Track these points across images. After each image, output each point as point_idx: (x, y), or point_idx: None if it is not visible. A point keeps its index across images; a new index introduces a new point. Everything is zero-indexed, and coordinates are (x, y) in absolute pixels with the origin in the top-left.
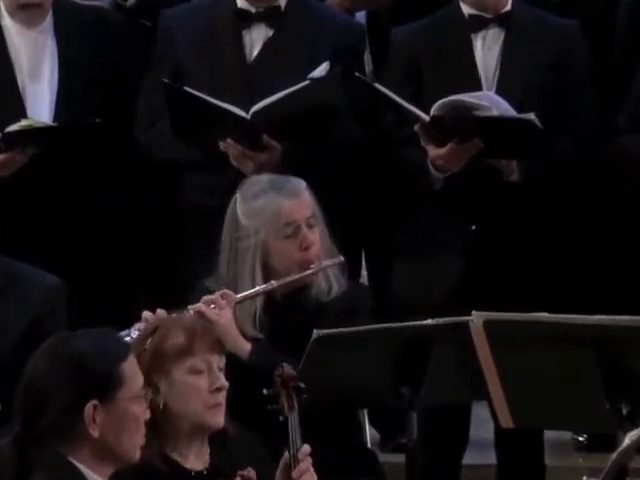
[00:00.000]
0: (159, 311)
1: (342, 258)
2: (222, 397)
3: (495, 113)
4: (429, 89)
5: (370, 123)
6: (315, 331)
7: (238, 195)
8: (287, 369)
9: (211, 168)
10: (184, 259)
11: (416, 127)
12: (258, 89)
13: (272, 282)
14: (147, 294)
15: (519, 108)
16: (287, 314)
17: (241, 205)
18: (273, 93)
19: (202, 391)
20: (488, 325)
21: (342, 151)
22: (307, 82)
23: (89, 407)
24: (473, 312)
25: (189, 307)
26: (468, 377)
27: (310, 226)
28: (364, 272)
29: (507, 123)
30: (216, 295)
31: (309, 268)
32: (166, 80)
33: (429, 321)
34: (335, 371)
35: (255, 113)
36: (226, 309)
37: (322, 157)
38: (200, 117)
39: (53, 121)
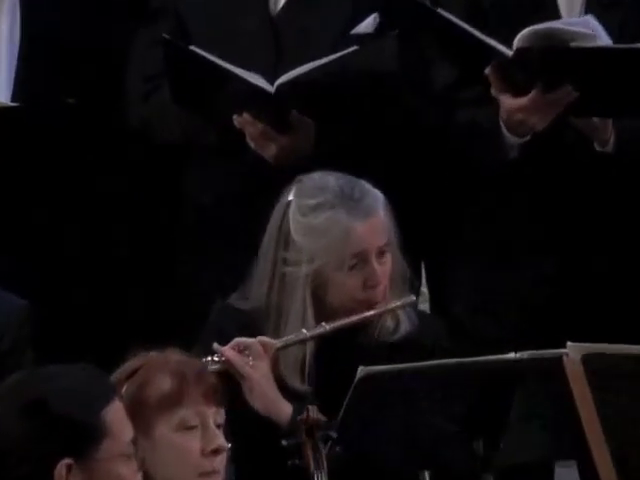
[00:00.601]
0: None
1: (414, 298)
2: (220, 462)
3: (602, 43)
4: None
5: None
6: (361, 368)
7: (293, 198)
8: (313, 413)
9: (223, 151)
10: (190, 271)
11: (487, 69)
12: (286, 51)
13: (324, 325)
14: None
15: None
16: (339, 358)
17: (296, 216)
18: (305, 56)
19: (194, 453)
20: (589, 360)
21: (398, 136)
22: (354, 48)
23: (61, 468)
24: (569, 343)
25: (215, 347)
26: (559, 429)
27: (381, 254)
28: (424, 289)
29: (621, 58)
30: (253, 341)
31: (372, 308)
32: (166, 36)
33: (511, 355)
34: (384, 419)
35: (282, 85)
36: (263, 360)
37: (370, 144)
38: (210, 87)
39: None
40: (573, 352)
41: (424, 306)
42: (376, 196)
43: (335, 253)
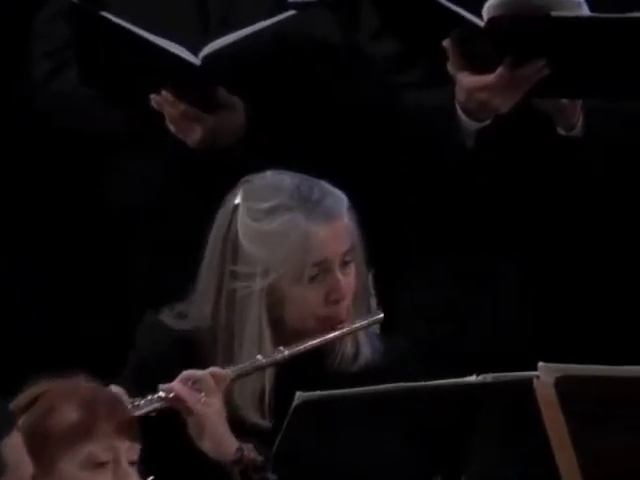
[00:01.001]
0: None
1: (382, 315)
2: None
3: (586, 12)
4: None
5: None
6: (298, 394)
7: (241, 202)
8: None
9: (139, 136)
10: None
11: (445, 41)
12: (212, 18)
13: (282, 350)
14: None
15: None
16: (300, 389)
17: (246, 222)
18: (234, 23)
19: None
20: (563, 383)
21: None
22: (291, 13)
23: None
24: (540, 364)
25: (160, 387)
26: (528, 461)
27: (345, 264)
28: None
29: (606, 29)
30: (204, 373)
31: (336, 329)
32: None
33: (472, 378)
34: (325, 451)
35: (208, 57)
36: (216, 395)
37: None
38: (124, 60)
39: None
40: (545, 374)
41: None
42: (338, 197)
43: (293, 263)
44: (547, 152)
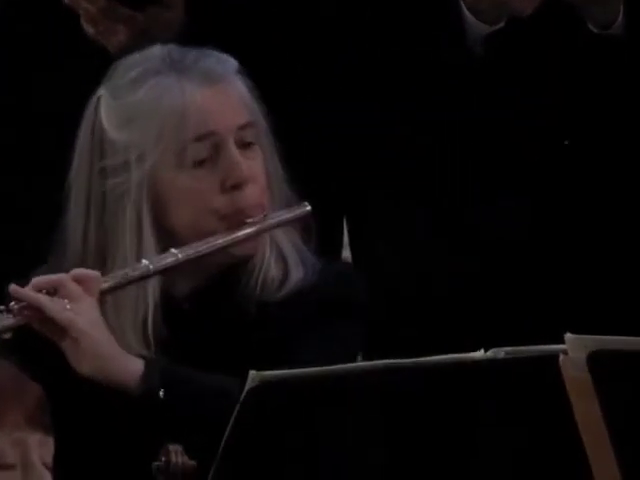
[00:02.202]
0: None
1: (309, 207)
2: None
3: None
4: None
5: None
6: (251, 373)
7: (102, 87)
8: (177, 456)
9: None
10: None
11: None
12: None
13: (174, 252)
14: None
15: None
16: (202, 325)
17: (108, 103)
18: None
19: None
20: (598, 361)
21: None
22: None
23: None
24: (569, 335)
25: (11, 289)
26: (551, 459)
27: (246, 146)
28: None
29: None
30: (65, 276)
31: (243, 226)
32: None
33: (479, 353)
34: (288, 450)
35: None
36: (85, 301)
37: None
38: None
39: None
40: (575, 349)
41: None
42: (224, 57)
43: (171, 139)
44: (577, 57)
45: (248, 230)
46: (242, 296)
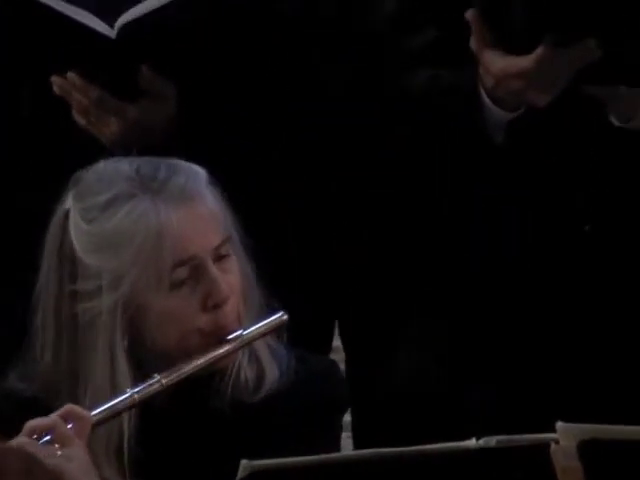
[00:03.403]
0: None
1: (285, 316)
2: None
3: None
4: None
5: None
6: (243, 463)
7: (72, 204)
8: None
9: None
10: None
11: (468, 12)
12: None
13: (157, 377)
14: None
15: None
16: (174, 433)
17: (80, 226)
18: None
19: None
20: (589, 449)
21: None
22: None
23: None
24: (560, 424)
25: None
26: None
27: (221, 258)
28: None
29: None
30: (53, 418)
31: (223, 343)
32: None
33: (472, 442)
34: None
35: (127, 27)
36: (77, 446)
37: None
38: (20, 31)
39: None
40: (566, 437)
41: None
42: (193, 170)
43: (149, 265)
44: (598, 149)
45: (228, 347)
46: (215, 399)
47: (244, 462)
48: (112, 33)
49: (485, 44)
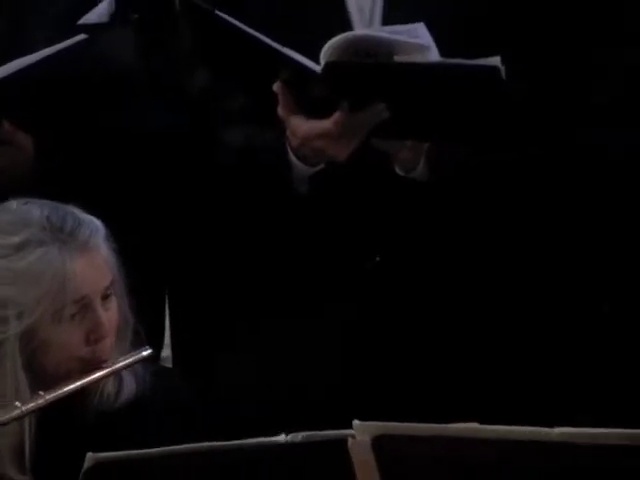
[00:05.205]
0: None
1: (150, 350)
2: None
3: (433, 58)
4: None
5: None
6: (89, 455)
7: None
8: None
9: None
10: None
11: (276, 85)
12: None
13: (42, 394)
14: None
15: None
16: (59, 437)
17: None
18: (17, 47)
19: None
20: (381, 444)
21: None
22: (81, 36)
23: None
24: (356, 422)
25: None
26: None
27: (105, 297)
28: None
29: (448, 75)
30: None
31: (98, 369)
32: None
33: (281, 437)
34: None
35: None
36: None
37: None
38: None
39: None
40: (361, 433)
41: None
42: (94, 225)
43: (51, 303)
44: (388, 195)
45: (103, 372)
46: (84, 408)
47: (89, 454)
48: None
49: (291, 111)
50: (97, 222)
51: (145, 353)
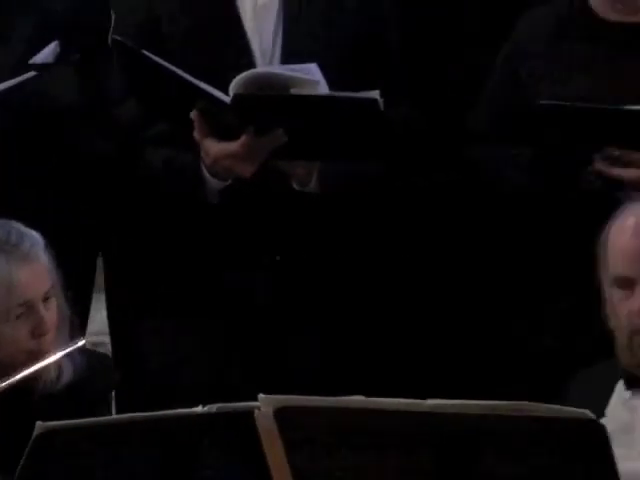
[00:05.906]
0: None
1: (84, 341)
2: None
3: (323, 91)
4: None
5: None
6: (38, 424)
7: None
8: None
9: None
10: None
11: (193, 113)
12: None
13: None
14: None
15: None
16: (11, 421)
17: None
18: None
19: None
20: (282, 414)
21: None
22: (31, 73)
23: None
24: (260, 396)
25: None
26: None
27: (46, 299)
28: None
29: (338, 105)
30: None
31: (41, 360)
32: None
33: (198, 409)
34: None
35: None
36: None
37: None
38: None
39: None
40: (265, 405)
41: None
42: (35, 238)
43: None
44: (285, 205)
45: (45, 362)
46: (30, 392)
47: (38, 423)
48: None
49: (205, 135)
50: (37, 235)
51: (80, 343)
